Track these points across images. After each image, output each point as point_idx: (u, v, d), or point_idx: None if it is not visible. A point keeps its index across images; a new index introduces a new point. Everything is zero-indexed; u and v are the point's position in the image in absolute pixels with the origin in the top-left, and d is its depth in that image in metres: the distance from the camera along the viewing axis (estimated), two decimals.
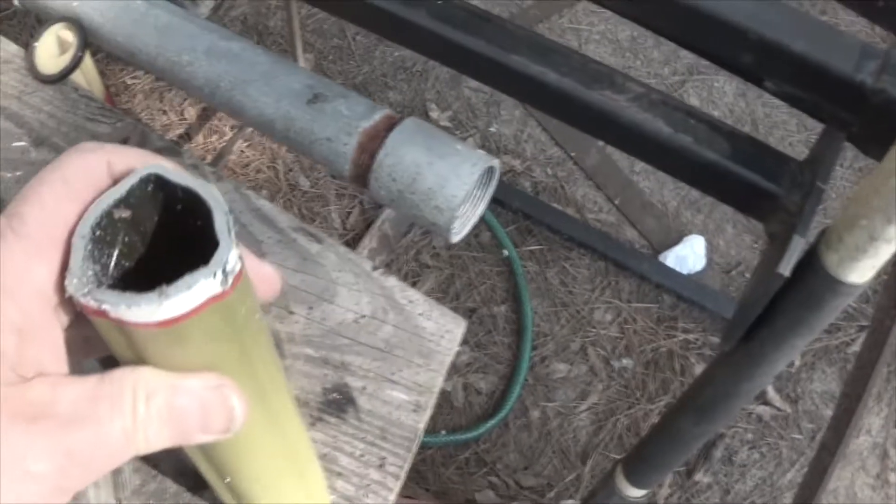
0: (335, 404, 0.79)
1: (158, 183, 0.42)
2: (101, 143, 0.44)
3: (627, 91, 0.85)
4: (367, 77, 2.87)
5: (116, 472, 0.75)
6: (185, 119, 2.72)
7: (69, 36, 0.98)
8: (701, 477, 2.27)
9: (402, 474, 0.76)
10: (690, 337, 2.45)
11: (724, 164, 0.82)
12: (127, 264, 0.43)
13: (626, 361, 2.41)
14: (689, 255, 2.55)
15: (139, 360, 0.42)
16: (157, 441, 0.43)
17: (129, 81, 2.79)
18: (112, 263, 0.42)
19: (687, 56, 2.95)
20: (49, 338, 0.41)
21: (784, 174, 0.82)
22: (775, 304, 0.84)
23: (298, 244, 0.86)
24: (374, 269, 0.85)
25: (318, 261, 0.85)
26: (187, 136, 2.68)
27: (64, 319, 0.47)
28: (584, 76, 0.86)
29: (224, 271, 0.39)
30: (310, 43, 2.91)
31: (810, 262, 0.79)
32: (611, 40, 2.97)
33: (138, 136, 0.93)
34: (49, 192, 0.41)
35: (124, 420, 0.41)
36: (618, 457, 2.21)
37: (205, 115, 2.75)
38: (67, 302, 0.41)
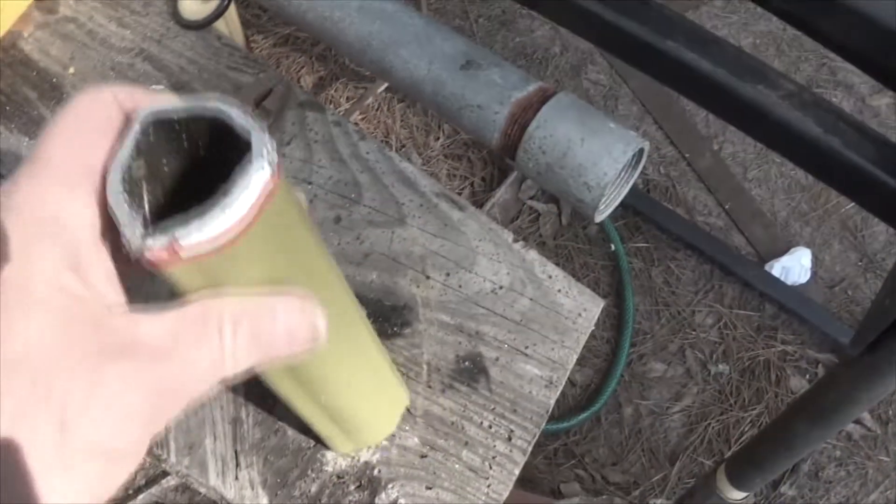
0: (467, 373, 0.78)
1: (159, 124, 0.41)
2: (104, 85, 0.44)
3: (780, 87, 0.83)
4: None
5: (237, 425, 0.76)
6: (301, 87, 2.73)
7: None
8: (786, 489, 2.24)
9: (529, 449, 0.76)
10: (789, 349, 2.41)
11: (869, 169, 0.80)
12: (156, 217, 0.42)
13: (722, 367, 2.38)
14: (794, 267, 2.51)
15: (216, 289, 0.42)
16: (245, 363, 0.43)
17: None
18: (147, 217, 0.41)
19: (807, 69, 2.90)
20: (103, 270, 0.41)
21: None
22: None
23: (440, 210, 0.86)
24: (515, 241, 0.84)
25: (460, 228, 0.85)
26: None
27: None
28: (737, 68, 0.84)
29: (267, 158, 0.38)
30: None
31: None
32: None
33: (283, 87, 0.93)
34: (65, 130, 0.42)
35: (211, 351, 0.41)
36: (706, 461, 2.20)
37: (321, 85, 2.76)
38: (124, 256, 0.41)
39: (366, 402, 0.68)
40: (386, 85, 2.60)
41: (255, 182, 0.37)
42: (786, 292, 2.45)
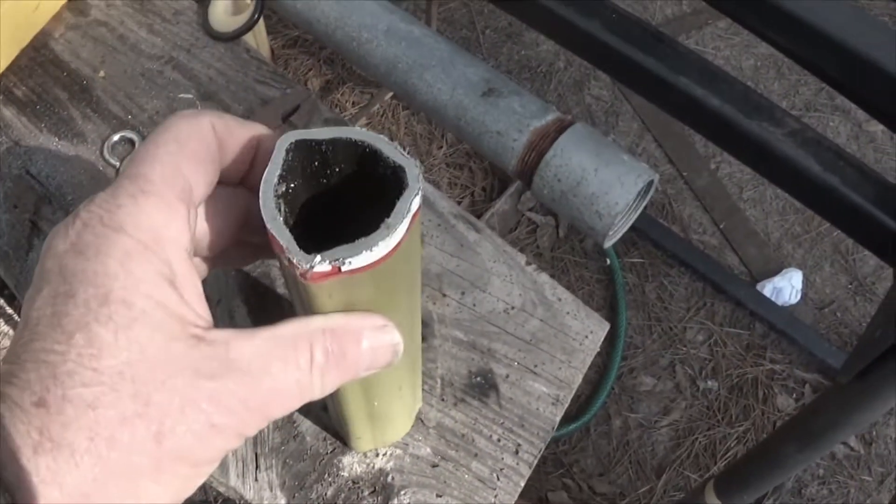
0: (478, 388, 0.81)
1: (301, 148, 0.44)
2: (200, 109, 0.47)
3: (784, 125, 0.86)
4: None
5: None
6: (308, 90, 2.74)
7: None
8: None
9: (535, 462, 0.79)
10: (777, 367, 2.44)
11: (866, 208, 0.83)
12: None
13: (711, 383, 2.41)
14: (785, 288, 2.54)
15: (346, 307, 0.45)
16: (331, 385, 0.47)
17: None
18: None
19: (805, 92, 2.93)
20: (195, 288, 0.44)
21: None
22: None
23: (457, 230, 0.89)
24: (528, 263, 0.87)
25: (475, 249, 0.88)
26: None
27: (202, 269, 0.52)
28: (745, 105, 0.86)
29: (420, 185, 0.42)
30: (439, 30, 2.92)
31: None
32: (734, 67, 2.95)
33: (310, 105, 0.95)
34: (165, 152, 0.45)
35: (300, 374, 0.44)
36: (692, 475, 2.23)
37: (328, 87, 2.78)
38: (212, 259, 0.45)
39: (405, 407, 0.72)
40: (392, 92, 2.62)
41: (412, 209, 0.41)
42: (776, 312, 2.48)
